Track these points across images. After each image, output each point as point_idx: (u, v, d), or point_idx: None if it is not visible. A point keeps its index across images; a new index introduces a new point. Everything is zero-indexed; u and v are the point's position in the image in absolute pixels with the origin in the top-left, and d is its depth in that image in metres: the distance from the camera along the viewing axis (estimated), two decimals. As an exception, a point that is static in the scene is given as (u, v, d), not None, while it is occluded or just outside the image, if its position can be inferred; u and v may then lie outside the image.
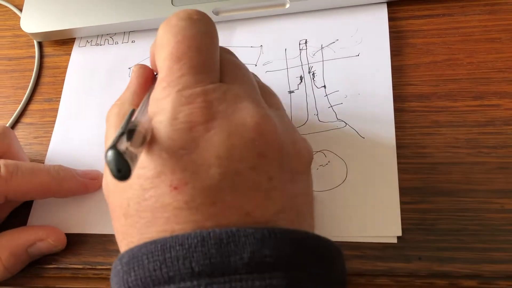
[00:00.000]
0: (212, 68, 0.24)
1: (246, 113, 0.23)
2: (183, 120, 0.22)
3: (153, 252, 0.21)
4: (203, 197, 0.21)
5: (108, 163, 0.19)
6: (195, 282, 0.20)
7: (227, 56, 0.26)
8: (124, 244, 0.23)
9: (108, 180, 0.25)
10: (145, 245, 0.21)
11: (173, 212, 0.21)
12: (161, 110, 0.23)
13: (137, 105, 0.26)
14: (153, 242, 0.21)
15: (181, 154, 0.22)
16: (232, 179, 0.22)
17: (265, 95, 0.26)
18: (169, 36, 0.24)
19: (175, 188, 0.21)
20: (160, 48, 0.24)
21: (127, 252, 0.22)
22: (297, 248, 0.21)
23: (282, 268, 0.20)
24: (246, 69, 0.27)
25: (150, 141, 0.22)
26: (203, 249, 0.20)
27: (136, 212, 0.22)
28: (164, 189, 0.21)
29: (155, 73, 0.29)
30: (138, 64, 0.29)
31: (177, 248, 0.20)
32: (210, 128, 0.22)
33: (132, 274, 0.21)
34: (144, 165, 0.22)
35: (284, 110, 0.28)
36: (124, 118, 0.23)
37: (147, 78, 0.28)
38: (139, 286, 0.21)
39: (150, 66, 0.29)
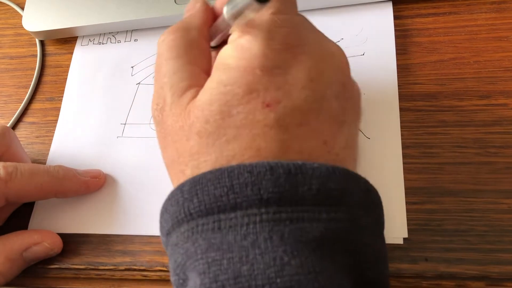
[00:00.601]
0: (296, 2, 0.25)
1: (331, 46, 0.24)
2: (279, 40, 0.22)
3: (220, 178, 0.20)
4: (292, 117, 0.22)
5: None
6: (263, 210, 0.19)
7: None
8: (191, 166, 0.22)
9: (167, 101, 0.24)
10: (211, 172, 0.21)
11: (263, 129, 0.21)
12: (255, 29, 0.22)
13: (205, 37, 0.26)
14: (219, 170, 0.21)
15: (275, 73, 0.22)
16: (319, 104, 0.22)
17: None
18: None
19: (268, 105, 0.21)
20: None
21: (188, 180, 0.21)
22: (356, 187, 0.21)
23: (346, 204, 0.21)
24: None
25: (235, 59, 0.23)
26: (272, 177, 0.20)
27: (217, 129, 0.22)
28: (256, 105, 0.22)
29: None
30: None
31: (246, 175, 0.20)
32: (303, 52, 0.23)
33: (195, 200, 0.21)
34: (232, 81, 0.22)
35: None
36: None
37: (208, 19, 0.27)
38: (202, 212, 0.20)
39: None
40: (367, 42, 0.35)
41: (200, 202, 0.20)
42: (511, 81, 0.32)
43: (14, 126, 0.38)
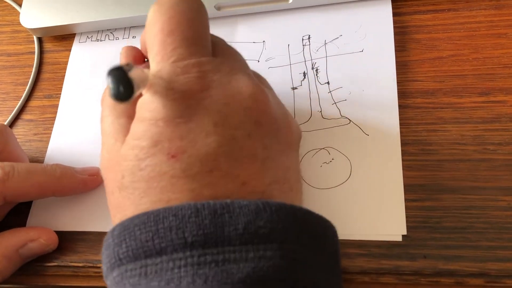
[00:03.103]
0: (205, 43, 0.24)
1: (241, 83, 0.23)
2: (178, 89, 0.22)
3: (146, 223, 0.20)
4: (200, 165, 0.21)
5: (110, 80, 0.19)
6: (188, 253, 0.19)
7: (217, 38, 0.27)
8: (117, 218, 0.23)
9: (104, 154, 0.25)
10: (137, 216, 0.21)
11: (170, 181, 0.21)
12: (156, 81, 0.22)
13: None
14: (146, 214, 0.21)
15: (178, 122, 0.22)
16: (229, 147, 0.22)
17: (255, 75, 0.27)
18: (160, 13, 0.24)
19: (173, 156, 0.21)
20: (151, 26, 0.24)
21: (118, 225, 0.22)
22: (291, 221, 0.21)
23: (277, 240, 0.20)
24: (236, 50, 0.27)
25: (144, 111, 0.22)
26: (197, 220, 0.20)
27: (131, 184, 0.22)
28: (161, 157, 0.21)
29: (145, 59, 0.29)
30: (126, 46, 0.29)
31: (170, 218, 0.20)
32: (206, 97, 0.22)
33: (124, 245, 0.21)
34: (139, 135, 0.22)
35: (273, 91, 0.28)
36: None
37: (136, 57, 0.28)
38: (130, 257, 0.20)
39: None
40: (366, 38, 0.35)
41: (128, 247, 0.20)
42: (510, 78, 0.31)
43: (12, 124, 0.38)
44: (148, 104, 0.22)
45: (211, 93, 0.22)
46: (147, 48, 0.25)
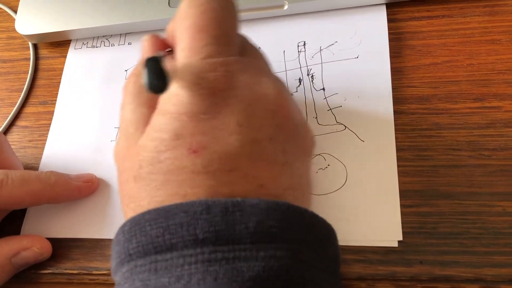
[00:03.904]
0: (233, 42, 0.24)
1: (267, 86, 0.23)
2: (205, 85, 0.22)
3: (156, 218, 0.20)
4: (221, 163, 0.21)
5: (147, 71, 0.19)
6: (198, 250, 0.19)
7: (245, 38, 0.27)
8: (131, 208, 0.23)
9: (121, 143, 0.25)
10: (148, 212, 0.21)
11: (189, 175, 0.21)
12: (184, 76, 0.22)
13: None
14: (156, 210, 0.21)
15: (201, 118, 0.22)
16: (250, 148, 0.22)
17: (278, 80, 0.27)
18: (192, 8, 0.24)
19: (194, 151, 0.21)
20: (183, 19, 0.24)
21: (129, 220, 0.21)
22: (299, 222, 0.21)
23: (286, 240, 0.20)
24: (262, 52, 0.27)
25: (168, 104, 0.22)
26: (208, 217, 0.20)
27: (148, 175, 0.22)
28: (182, 151, 0.21)
29: (167, 50, 0.29)
30: (150, 34, 0.28)
31: (181, 215, 0.20)
32: (232, 96, 0.22)
33: (134, 241, 0.21)
34: (161, 127, 0.22)
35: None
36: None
37: (161, 47, 0.28)
38: (140, 253, 0.20)
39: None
40: (361, 45, 0.35)
41: (138, 243, 0.20)
42: (505, 84, 0.32)
43: (7, 130, 0.38)
44: (173, 97, 0.22)
45: (237, 93, 0.23)
46: (175, 40, 0.25)
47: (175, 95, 0.22)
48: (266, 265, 0.19)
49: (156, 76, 0.19)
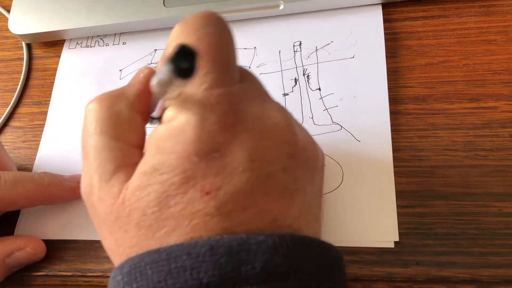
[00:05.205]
0: (235, 68, 0.23)
1: (275, 115, 0.22)
2: (214, 121, 0.21)
3: (157, 261, 0.19)
4: (235, 203, 0.20)
5: (175, 52, 0.17)
6: None
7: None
8: (126, 254, 0.21)
9: (96, 185, 0.22)
10: (148, 254, 0.20)
11: (203, 219, 0.20)
12: (188, 110, 0.21)
13: (138, 110, 0.24)
14: (157, 251, 0.20)
15: (213, 157, 0.20)
16: (264, 183, 0.21)
17: None
18: (188, 33, 0.22)
19: (207, 193, 0.20)
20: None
21: (127, 261, 0.20)
22: (306, 256, 0.20)
23: (294, 277, 0.19)
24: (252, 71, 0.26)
25: (172, 142, 0.21)
26: (212, 259, 0.19)
27: (156, 222, 0.20)
28: (194, 194, 0.20)
29: None
30: (148, 67, 0.26)
31: (184, 257, 0.19)
32: (242, 130, 0.21)
33: (134, 285, 0.20)
34: (169, 169, 0.20)
35: None
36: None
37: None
38: None
39: None
40: (356, 45, 0.35)
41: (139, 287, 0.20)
42: (500, 84, 0.32)
43: (0, 131, 0.38)
44: (179, 134, 0.21)
45: (247, 126, 0.21)
46: None
47: (181, 132, 0.21)
48: None
49: (186, 59, 0.17)
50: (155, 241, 0.21)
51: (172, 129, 0.21)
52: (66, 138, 0.36)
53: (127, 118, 0.23)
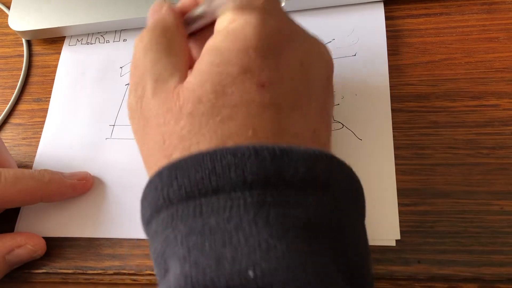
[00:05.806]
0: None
1: (322, 45, 0.25)
2: (272, 26, 0.22)
3: (201, 161, 0.20)
4: (286, 99, 0.22)
5: None
6: (247, 193, 0.19)
7: None
8: (183, 147, 0.21)
9: (149, 91, 0.23)
10: (190, 156, 0.20)
11: (258, 109, 0.21)
12: (249, 14, 0.22)
13: (183, 33, 0.26)
14: (200, 153, 0.20)
15: (268, 54, 0.22)
16: (308, 90, 0.23)
17: None
18: None
19: (262, 86, 0.21)
20: None
21: (165, 167, 0.20)
22: (342, 174, 0.21)
23: (331, 189, 0.20)
24: None
25: (232, 37, 0.22)
26: (257, 160, 0.19)
27: (211, 108, 0.21)
28: (251, 85, 0.21)
29: None
30: None
31: (229, 157, 0.19)
32: (295, 39, 0.23)
33: (175, 184, 0.20)
34: (225, 61, 0.22)
35: None
36: None
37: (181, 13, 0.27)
38: (182, 197, 0.20)
39: None
40: (358, 42, 0.35)
41: (180, 186, 0.20)
42: (503, 82, 0.32)
43: (0, 128, 0.37)
44: (237, 34, 0.22)
45: (298, 39, 0.23)
46: None
47: (241, 32, 0.22)
48: (313, 212, 0.19)
49: None
50: (209, 128, 0.21)
51: (231, 31, 0.22)
52: (66, 135, 0.36)
53: (179, 42, 0.25)
